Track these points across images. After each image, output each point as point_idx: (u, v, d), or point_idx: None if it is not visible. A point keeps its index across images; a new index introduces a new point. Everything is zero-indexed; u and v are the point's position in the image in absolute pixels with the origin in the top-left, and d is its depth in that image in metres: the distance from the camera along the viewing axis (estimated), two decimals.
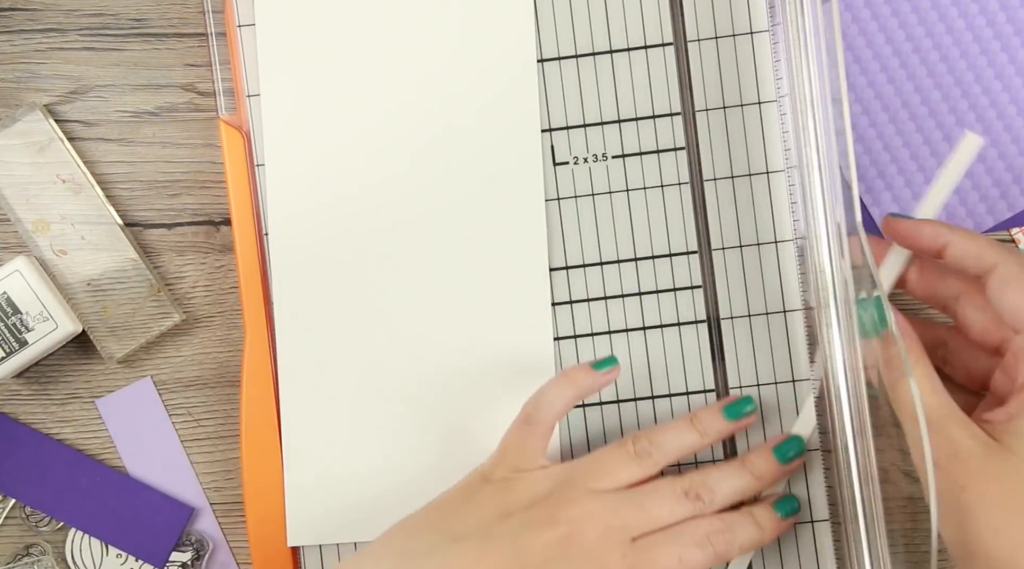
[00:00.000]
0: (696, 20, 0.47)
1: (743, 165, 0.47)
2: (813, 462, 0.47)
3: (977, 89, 0.48)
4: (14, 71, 0.49)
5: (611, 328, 0.47)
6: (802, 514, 0.47)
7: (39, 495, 0.49)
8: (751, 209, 0.47)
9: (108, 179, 0.49)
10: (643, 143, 0.47)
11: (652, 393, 0.47)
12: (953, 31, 0.48)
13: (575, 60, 0.47)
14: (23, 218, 0.48)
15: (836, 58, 0.43)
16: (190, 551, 0.49)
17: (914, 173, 0.48)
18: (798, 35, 0.44)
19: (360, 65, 0.46)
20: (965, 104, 0.48)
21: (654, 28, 0.47)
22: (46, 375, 0.49)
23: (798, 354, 0.47)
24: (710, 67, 0.47)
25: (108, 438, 0.49)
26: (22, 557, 0.49)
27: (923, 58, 0.48)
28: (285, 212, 0.47)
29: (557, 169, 0.47)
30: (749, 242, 0.47)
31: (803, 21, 0.43)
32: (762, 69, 0.47)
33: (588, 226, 0.47)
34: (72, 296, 0.48)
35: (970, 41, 0.48)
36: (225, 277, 0.49)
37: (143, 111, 0.49)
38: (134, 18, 0.49)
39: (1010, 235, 0.48)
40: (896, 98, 0.48)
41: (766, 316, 0.47)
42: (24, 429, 0.49)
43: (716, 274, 0.47)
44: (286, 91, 0.47)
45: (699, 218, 0.47)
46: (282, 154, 0.47)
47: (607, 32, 0.47)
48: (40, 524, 0.49)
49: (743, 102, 0.47)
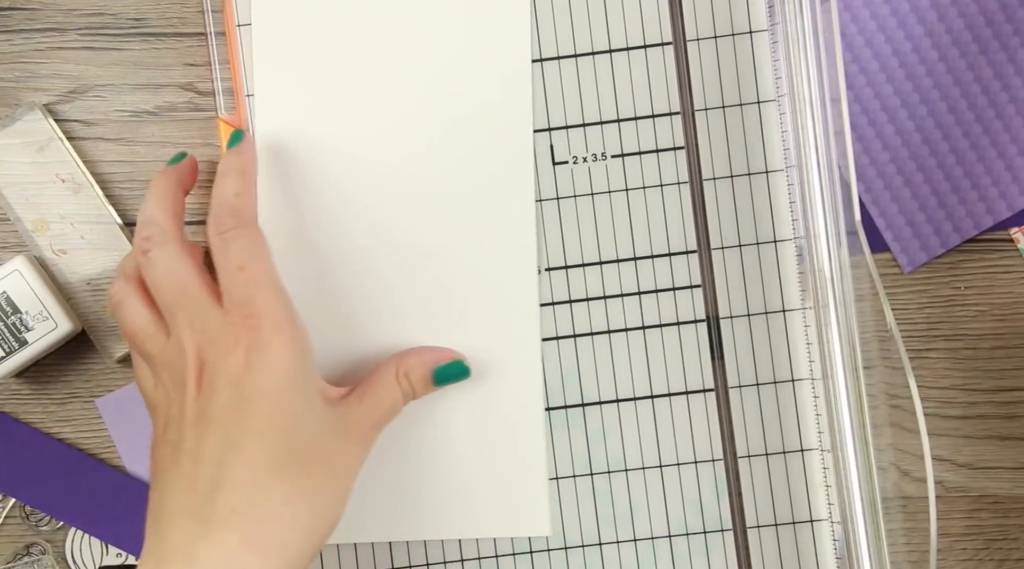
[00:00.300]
0: (695, 20, 0.47)
1: (742, 165, 0.47)
2: (813, 462, 0.47)
3: (976, 88, 0.48)
4: (13, 71, 0.49)
5: (610, 327, 0.47)
6: (802, 514, 0.47)
7: (39, 495, 0.49)
8: (750, 209, 0.47)
9: (108, 179, 0.49)
10: (642, 143, 0.47)
11: (652, 393, 0.47)
12: (952, 30, 0.48)
13: (574, 59, 0.47)
14: (23, 217, 0.48)
15: (835, 58, 0.43)
16: None
17: (913, 172, 0.48)
18: (797, 35, 0.44)
19: (354, 66, 0.46)
20: (964, 104, 0.48)
21: (653, 27, 0.47)
22: (46, 375, 0.49)
23: (797, 354, 0.47)
24: (709, 67, 0.47)
25: (108, 438, 0.49)
26: (22, 557, 0.49)
27: (922, 57, 0.48)
28: (274, 209, 0.47)
29: (556, 169, 0.47)
30: (748, 242, 0.47)
31: (802, 21, 0.43)
32: (761, 69, 0.47)
33: (587, 226, 0.47)
34: (72, 296, 0.48)
35: (969, 41, 0.48)
36: None
37: (142, 111, 0.49)
38: (133, 18, 0.49)
39: (1009, 235, 0.48)
40: (895, 97, 0.48)
41: (765, 316, 0.47)
42: (24, 429, 0.49)
43: (715, 274, 0.47)
44: (280, 91, 0.47)
45: (698, 218, 0.47)
46: (274, 152, 0.47)
47: (606, 31, 0.47)
48: (40, 524, 0.49)
49: (742, 102, 0.47)
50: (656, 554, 0.47)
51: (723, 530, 0.47)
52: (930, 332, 0.48)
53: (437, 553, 0.47)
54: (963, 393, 0.48)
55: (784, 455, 0.47)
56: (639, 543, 0.47)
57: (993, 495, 0.48)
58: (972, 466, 0.48)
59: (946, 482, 0.48)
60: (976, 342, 0.48)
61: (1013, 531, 0.48)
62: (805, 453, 0.47)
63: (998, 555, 0.48)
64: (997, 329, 0.48)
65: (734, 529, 0.47)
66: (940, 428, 0.48)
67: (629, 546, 0.47)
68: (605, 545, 0.47)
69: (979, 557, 0.48)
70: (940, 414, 0.48)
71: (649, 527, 0.47)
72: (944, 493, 0.48)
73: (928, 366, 0.48)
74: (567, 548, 0.47)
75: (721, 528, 0.47)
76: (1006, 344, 0.48)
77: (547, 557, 0.47)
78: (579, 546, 0.47)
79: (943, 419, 0.48)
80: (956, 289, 0.48)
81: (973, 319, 0.48)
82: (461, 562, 0.47)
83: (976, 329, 0.48)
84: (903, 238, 0.48)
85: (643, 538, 0.47)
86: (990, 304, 0.48)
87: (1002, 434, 0.48)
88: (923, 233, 0.48)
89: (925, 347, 0.48)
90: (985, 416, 0.48)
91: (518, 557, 0.47)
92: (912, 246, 0.48)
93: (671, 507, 0.47)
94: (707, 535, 0.47)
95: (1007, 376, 0.48)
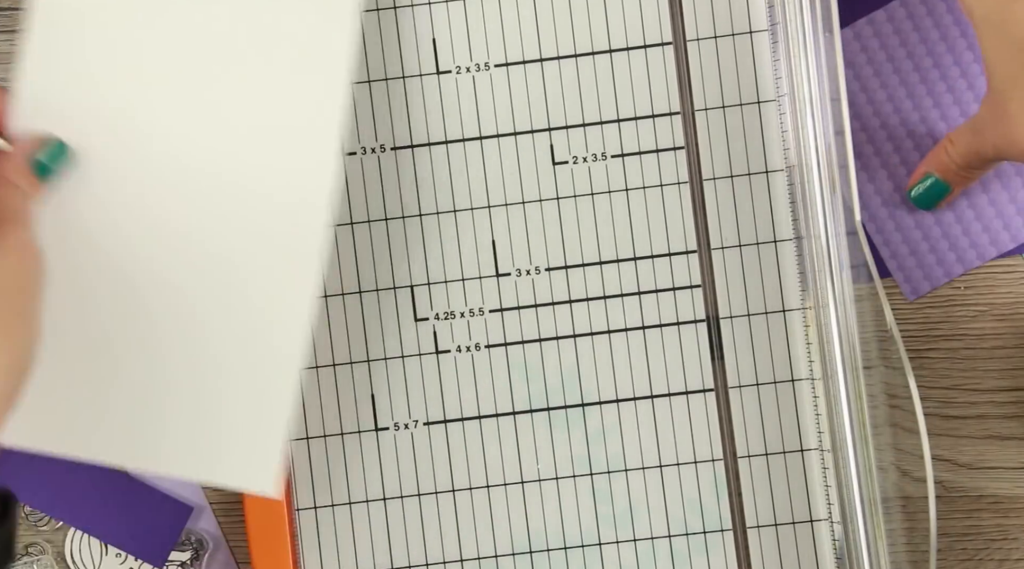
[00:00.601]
0: (695, 19, 0.47)
1: (742, 165, 0.47)
2: (813, 462, 0.47)
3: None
4: (14, 71, 0.49)
5: (610, 327, 0.47)
6: (802, 514, 0.47)
7: (39, 495, 0.49)
8: (750, 209, 0.47)
9: None
10: (642, 143, 0.47)
11: (652, 393, 0.47)
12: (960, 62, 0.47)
13: (574, 59, 0.47)
14: None
15: (835, 58, 0.43)
16: (189, 550, 0.49)
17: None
18: (797, 35, 0.44)
19: (128, 66, 0.43)
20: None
21: (653, 27, 0.47)
22: None
23: (797, 354, 0.47)
24: (709, 67, 0.47)
25: None
26: (21, 556, 0.49)
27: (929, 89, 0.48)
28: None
29: (556, 169, 0.47)
30: (748, 242, 0.47)
31: (802, 21, 0.43)
32: (761, 69, 0.47)
33: (587, 226, 0.47)
34: None
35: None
36: None
37: None
38: None
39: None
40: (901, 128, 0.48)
41: (765, 316, 0.47)
42: None
43: (715, 273, 0.47)
44: (47, 89, 0.43)
45: (698, 218, 0.47)
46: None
47: (606, 31, 0.47)
48: (40, 523, 0.49)
49: (742, 102, 0.47)
50: (656, 554, 0.47)
51: (723, 530, 0.47)
52: (930, 332, 0.48)
53: (437, 553, 0.47)
54: (963, 393, 0.48)
55: (784, 455, 0.47)
56: (639, 543, 0.47)
57: (993, 495, 0.48)
58: (972, 466, 0.48)
59: (946, 482, 0.48)
60: (976, 342, 0.48)
61: (1013, 531, 0.48)
62: (805, 453, 0.47)
63: (998, 555, 0.48)
64: (997, 329, 0.48)
65: (734, 529, 0.47)
66: (940, 428, 0.48)
67: (629, 546, 0.47)
68: (605, 545, 0.47)
69: (979, 557, 0.48)
70: (940, 414, 0.48)
71: (649, 527, 0.47)
72: (944, 493, 0.48)
73: (928, 366, 0.48)
74: (567, 548, 0.47)
75: (721, 528, 0.47)
76: (1006, 344, 0.48)
77: (547, 557, 0.47)
78: (579, 546, 0.47)
79: (943, 419, 0.48)
80: (956, 289, 0.48)
81: (973, 319, 0.48)
82: (461, 562, 0.47)
83: (976, 329, 0.48)
84: (907, 268, 0.48)
85: (643, 538, 0.47)
86: (990, 304, 0.48)
87: (1002, 434, 0.48)
88: (926, 263, 0.48)
89: (925, 347, 0.48)
90: (985, 416, 0.48)
91: (518, 557, 0.47)
92: (916, 276, 0.48)
93: (671, 507, 0.47)
94: (707, 535, 0.47)
95: (1007, 376, 0.48)
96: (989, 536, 0.48)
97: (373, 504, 0.48)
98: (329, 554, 0.48)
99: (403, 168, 0.48)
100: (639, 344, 0.47)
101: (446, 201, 0.48)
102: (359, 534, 0.48)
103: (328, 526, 0.48)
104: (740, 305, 0.47)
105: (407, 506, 0.48)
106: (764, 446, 0.47)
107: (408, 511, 0.48)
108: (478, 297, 0.48)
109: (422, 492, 0.48)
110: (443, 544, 0.47)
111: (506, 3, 0.47)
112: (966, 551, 0.48)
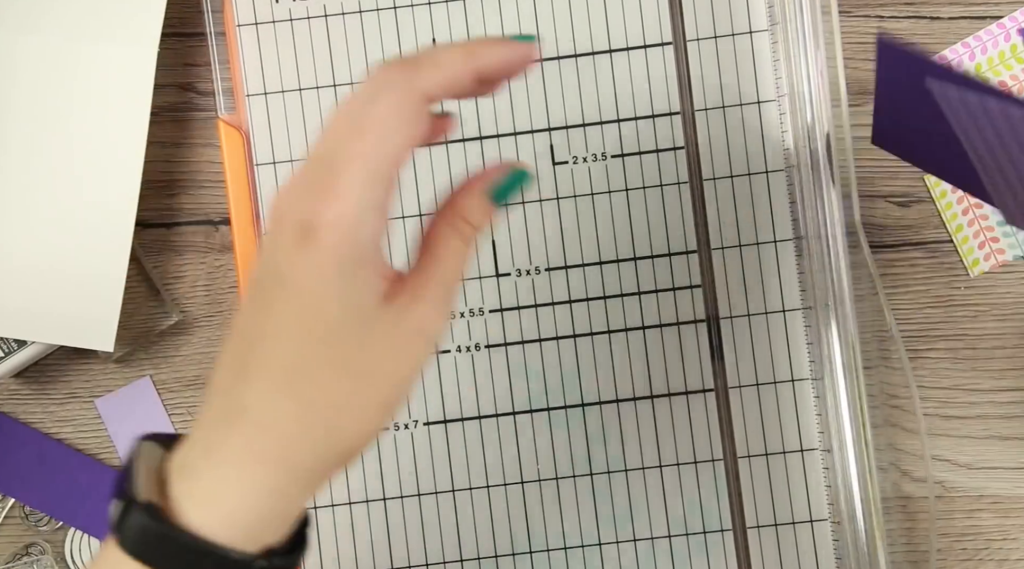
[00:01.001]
0: (695, 20, 0.47)
1: (742, 165, 0.47)
2: (813, 462, 0.47)
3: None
4: None
5: (610, 327, 0.47)
6: (802, 514, 0.47)
7: (39, 495, 0.49)
8: (750, 209, 0.47)
9: None
10: (642, 143, 0.47)
11: (652, 393, 0.47)
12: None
13: (574, 59, 0.47)
14: None
15: (835, 58, 0.43)
16: None
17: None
18: (797, 35, 0.44)
19: None
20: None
21: (653, 27, 0.47)
22: (45, 375, 0.49)
23: (798, 354, 0.47)
24: (709, 67, 0.47)
25: (107, 437, 0.49)
26: (21, 557, 0.49)
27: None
28: None
29: (556, 169, 0.47)
30: (748, 242, 0.47)
31: (802, 21, 0.43)
32: (761, 69, 0.47)
33: (587, 226, 0.47)
34: None
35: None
36: (224, 277, 0.49)
37: None
38: None
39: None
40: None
41: (765, 316, 0.47)
42: (24, 429, 0.49)
43: (715, 274, 0.47)
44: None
45: (698, 218, 0.47)
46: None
47: (606, 31, 0.47)
48: (39, 524, 0.49)
49: (742, 101, 0.47)
50: (656, 554, 0.47)
51: (723, 530, 0.47)
52: (930, 332, 0.48)
53: (437, 553, 0.47)
54: (963, 393, 0.48)
55: (784, 455, 0.47)
56: (639, 543, 0.47)
57: (993, 495, 0.48)
58: (972, 466, 0.48)
59: (946, 482, 0.48)
60: (976, 342, 0.48)
61: (1013, 531, 0.48)
62: (805, 453, 0.47)
63: (998, 555, 0.48)
64: (997, 329, 0.48)
65: (734, 529, 0.47)
66: (940, 428, 0.48)
67: (629, 546, 0.47)
68: (605, 545, 0.47)
69: (979, 557, 0.48)
70: (940, 414, 0.48)
71: (649, 527, 0.47)
72: (944, 493, 0.48)
73: (928, 366, 0.48)
74: (567, 548, 0.47)
75: (721, 528, 0.47)
76: (1006, 344, 0.48)
77: (547, 557, 0.47)
78: (579, 546, 0.47)
79: (943, 419, 0.48)
80: (956, 289, 0.48)
81: (973, 319, 0.48)
82: (461, 562, 0.47)
83: (976, 329, 0.48)
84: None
85: (643, 538, 0.47)
86: (990, 304, 0.48)
87: (1002, 434, 0.48)
88: None
89: (925, 347, 0.48)
90: (985, 416, 0.48)
91: (518, 557, 0.47)
92: None
93: (671, 507, 0.47)
94: (707, 535, 0.47)
95: (1007, 376, 0.48)
96: (989, 536, 0.48)
97: (373, 504, 0.48)
98: (329, 554, 0.48)
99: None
100: (639, 344, 0.47)
101: None
102: (359, 534, 0.48)
103: (328, 526, 0.48)
104: (740, 305, 0.47)
105: (407, 506, 0.48)
106: (764, 446, 0.47)
107: (408, 511, 0.48)
108: (478, 297, 0.48)
109: (422, 492, 0.48)
110: (443, 544, 0.47)
111: (506, 3, 0.48)
112: (966, 551, 0.48)
